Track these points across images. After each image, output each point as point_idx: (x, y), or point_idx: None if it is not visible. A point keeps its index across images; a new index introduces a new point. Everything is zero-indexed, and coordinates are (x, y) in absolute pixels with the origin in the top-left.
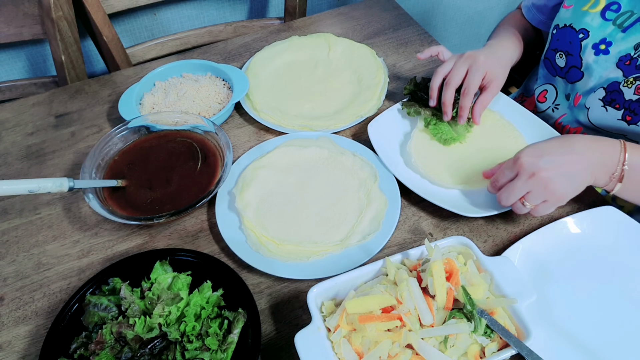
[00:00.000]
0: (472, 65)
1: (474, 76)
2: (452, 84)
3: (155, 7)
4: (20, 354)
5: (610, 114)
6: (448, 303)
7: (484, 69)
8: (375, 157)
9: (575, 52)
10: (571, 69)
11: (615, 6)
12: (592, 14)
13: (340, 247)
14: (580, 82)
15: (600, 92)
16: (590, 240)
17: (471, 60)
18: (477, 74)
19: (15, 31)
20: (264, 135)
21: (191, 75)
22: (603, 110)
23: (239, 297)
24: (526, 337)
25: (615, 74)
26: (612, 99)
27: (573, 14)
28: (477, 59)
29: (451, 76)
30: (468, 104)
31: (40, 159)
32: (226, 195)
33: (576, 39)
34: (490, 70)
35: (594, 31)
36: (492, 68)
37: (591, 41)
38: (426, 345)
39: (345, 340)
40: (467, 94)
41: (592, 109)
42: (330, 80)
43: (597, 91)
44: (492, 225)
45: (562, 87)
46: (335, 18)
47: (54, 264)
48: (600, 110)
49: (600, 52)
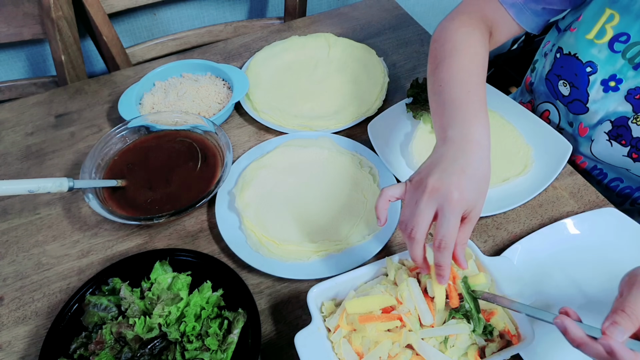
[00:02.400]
0: (445, 208)
1: (450, 225)
2: (417, 238)
3: (155, 7)
4: (20, 354)
5: (616, 149)
6: (454, 301)
7: (460, 209)
8: (375, 157)
9: (582, 86)
10: (575, 101)
11: (624, 37)
12: (598, 45)
13: (340, 247)
14: (584, 115)
15: (606, 125)
16: (591, 241)
17: (441, 199)
18: (453, 219)
19: (15, 31)
20: (264, 135)
21: (191, 75)
22: (608, 145)
23: (239, 297)
24: (526, 337)
25: (623, 108)
26: (618, 134)
27: (577, 41)
28: (449, 198)
29: (416, 225)
30: (448, 262)
31: (40, 159)
32: (226, 195)
33: (583, 73)
34: (468, 202)
35: (602, 65)
36: (469, 200)
37: (600, 77)
38: (426, 346)
39: (345, 341)
40: (444, 248)
41: (597, 141)
42: (330, 80)
43: (604, 123)
44: (492, 225)
45: (564, 113)
46: (335, 18)
47: (53, 264)
48: (604, 144)
49: (610, 89)
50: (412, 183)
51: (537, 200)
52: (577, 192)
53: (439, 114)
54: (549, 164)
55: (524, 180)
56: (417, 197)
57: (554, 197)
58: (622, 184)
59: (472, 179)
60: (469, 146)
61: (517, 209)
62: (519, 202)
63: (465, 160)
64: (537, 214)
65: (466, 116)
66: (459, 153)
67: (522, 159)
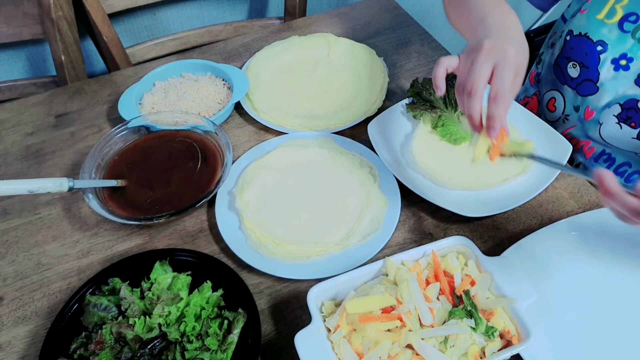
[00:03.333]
0: (501, 63)
1: (506, 78)
2: (478, 92)
3: (155, 7)
4: (20, 354)
5: (625, 131)
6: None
7: (514, 65)
8: (375, 157)
9: (592, 65)
10: (585, 81)
11: (634, 17)
12: (608, 25)
13: (340, 247)
14: (593, 96)
15: (615, 108)
16: (591, 241)
17: (499, 55)
18: (509, 74)
19: (15, 31)
20: (264, 135)
21: (191, 75)
22: (617, 127)
23: (239, 297)
24: (526, 337)
25: (633, 91)
26: (628, 116)
27: (588, 22)
28: (506, 53)
29: (476, 80)
30: (501, 113)
31: (39, 159)
32: (226, 195)
33: (594, 51)
34: (519, 64)
35: (612, 44)
36: (521, 61)
37: (610, 55)
38: (426, 346)
39: (345, 341)
40: (500, 100)
41: (606, 124)
42: (330, 80)
43: (613, 107)
44: (492, 225)
45: (571, 97)
46: (335, 18)
47: (53, 264)
48: (614, 127)
49: (620, 68)
50: (465, 52)
51: (537, 200)
52: (577, 192)
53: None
54: None
55: (524, 180)
56: (473, 58)
57: (554, 197)
58: (630, 169)
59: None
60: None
61: (517, 209)
62: (519, 202)
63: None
64: (537, 214)
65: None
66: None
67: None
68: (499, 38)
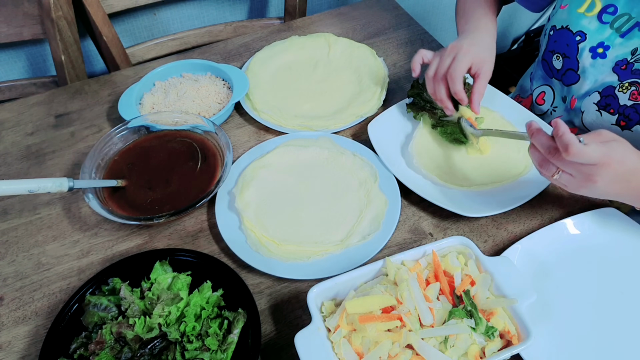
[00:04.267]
0: (457, 54)
1: (459, 63)
2: (438, 76)
3: (155, 7)
4: (20, 354)
5: (605, 118)
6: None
7: (469, 56)
8: (375, 157)
9: (572, 54)
10: (567, 71)
11: (612, 9)
12: (588, 17)
13: (340, 247)
14: (575, 85)
15: (595, 96)
16: (591, 241)
17: (456, 49)
18: (463, 60)
19: (15, 31)
20: (264, 135)
21: (191, 75)
22: (597, 115)
23: (239, 297)
24: (526, 337)
25: (610, 78)
26: (606, 103)
27: (569, 15)
28: (461, 47)
29: (439, 68)
30: (459, 87)
31: (40, 159)
32: (226, 195)
33: (573, 42)
34: (476, 55)
35: (591, 34)
36: (477, 53)
37: (588, 44)
38: (426, 346)
39: (345, 341)
40: (453, 78)
41: (587, 112)
42: (330, 80)
43: (592, 95)
44: (492, 225)
45: (559, 89)
46: (335, 18)
47: (53, 264)
48: (594, 114)
49: (598, 56)
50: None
51: (537, 200)
52: None
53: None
54: None
55: (524, 180)
56: (441, 54)
57: (554, 197)
58: None
59: (480, 45)
60: (477, 30)
61: (517, 209)
62: (519, 202)
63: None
64: (537, 214)
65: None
66: (469, 34)
67: (522, 159)
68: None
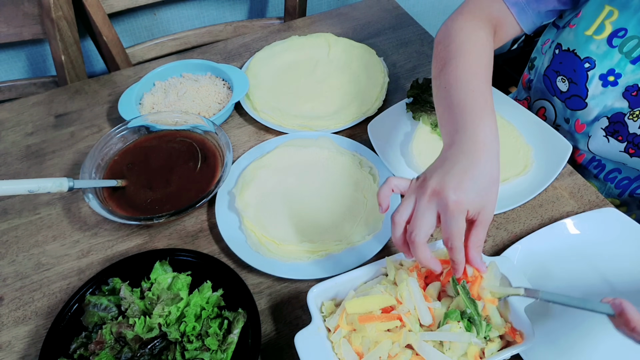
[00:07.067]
0: (443, 213)
1: (451, 228)
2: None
3: (155, 7)
4: (20, 354)
5: (612, 145)
6: None
7: (459, 212)
8: (375, 157)
9: (581, 81)
10: (573, 97)
11: (622, 32)
12: (597, 40)
13: (340, 247)
14: (582, 111)
15: (603, 121)
16: (591, 241)
17: (440, 202)
18: (454, 223)
19: (15, 31)
20: (264, 135)
21: (191, 75)
22: (605, 141)
23: (239, 297)
24: (526, 337)
25: (620, 104)
26: (615, 130)
27: (576, 38)
28: (445, 201)
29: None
30: (461, 258)
31: (39, 159)
32: (226, 195)
33: (581, 68)
34: (470, 205)
35: (600, 60)
36: (471, 202)
37: (598, 71)
38: (426, 346)
39: (345, 341)
40: (453, 249)
41: (594, 137)
42: (330, 80)
43: (601, 120)
44: (492, 225)
45: (561, 109)
46: (335, 18)
47: (53, 264)
48: (602, 140)
49: (609, 84)
50: (417, 182)
51: (537, 200)
52: (577, 192)
53: (445, 118)
54: (549, 164)
55: (524, 180)
56: (418, 198)
57: (554, 197)
58: (620, 175)
59: (475, 181)
60: (474, 147)
61: (517, 209)
62: (519, 202)
63: (468, 162)
64: (537, 214)
65: (471, 118)
66: (462, 155)
67: (522, 159)
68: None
